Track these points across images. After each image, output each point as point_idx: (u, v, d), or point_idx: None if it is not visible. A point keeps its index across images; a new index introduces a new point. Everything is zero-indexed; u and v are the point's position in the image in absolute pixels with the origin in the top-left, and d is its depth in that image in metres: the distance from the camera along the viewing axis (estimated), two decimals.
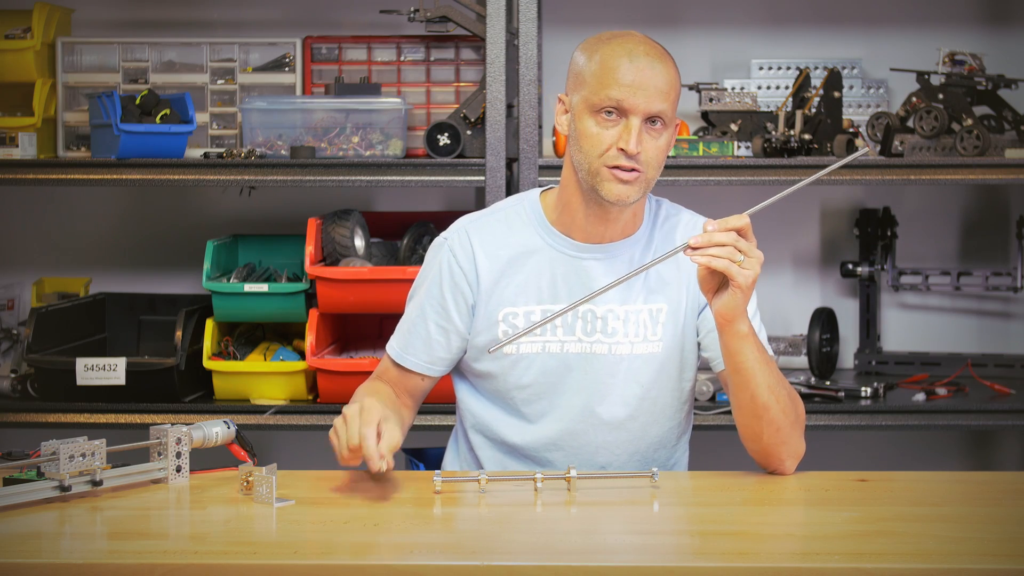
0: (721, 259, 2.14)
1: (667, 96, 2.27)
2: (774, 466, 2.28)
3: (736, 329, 2.20)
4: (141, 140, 3.33)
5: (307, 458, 3.84)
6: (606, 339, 2.37)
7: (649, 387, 2.38)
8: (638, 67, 2.25)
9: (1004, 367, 3.66)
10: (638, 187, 2.28)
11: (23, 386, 3.44)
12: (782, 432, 2.25)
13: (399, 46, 3.64)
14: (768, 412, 2.23)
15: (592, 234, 2.36)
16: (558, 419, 2.38)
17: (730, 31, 3.81)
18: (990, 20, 3.80)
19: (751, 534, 1.99)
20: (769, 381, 2.23)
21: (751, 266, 2.15)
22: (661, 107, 2.26)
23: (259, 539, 1.96)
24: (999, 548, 1.89)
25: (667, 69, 2.28)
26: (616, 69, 2.25)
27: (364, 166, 3.35)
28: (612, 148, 2.26)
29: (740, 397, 2.26)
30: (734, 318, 2.19)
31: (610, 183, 2.27)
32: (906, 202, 3.81)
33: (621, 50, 2.27)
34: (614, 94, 2.25)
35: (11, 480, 2.07)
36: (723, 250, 2.14)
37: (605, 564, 1.82)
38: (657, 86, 2.25)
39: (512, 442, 2.40)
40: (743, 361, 2.22)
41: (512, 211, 2.42)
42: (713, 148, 3.39)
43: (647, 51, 2.27)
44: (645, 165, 2.27)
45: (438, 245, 2.42)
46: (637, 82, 2.25)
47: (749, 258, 2.15)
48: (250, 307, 3.38)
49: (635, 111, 2.25)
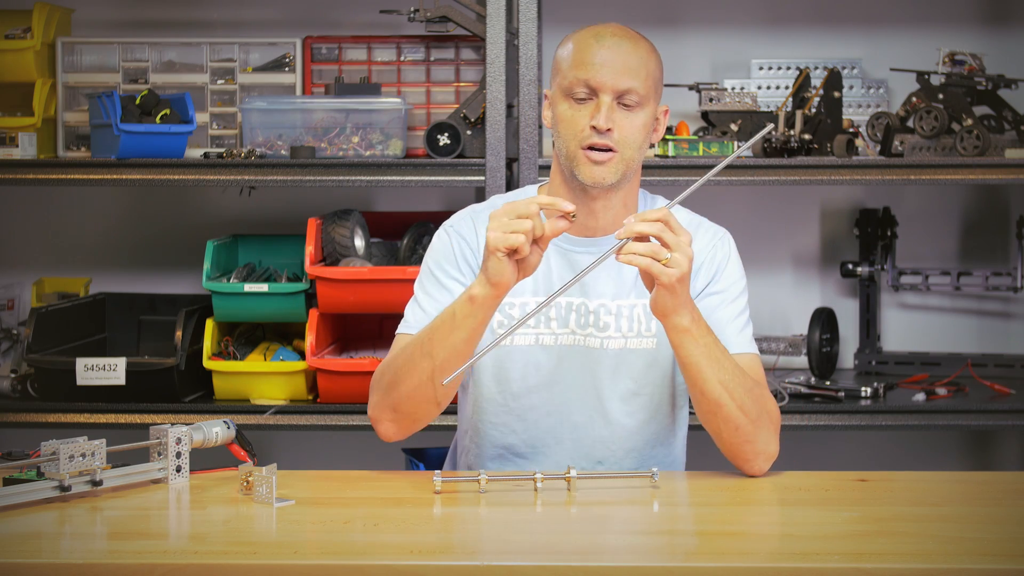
0: (643, 257, 2.10)
1: (636, 73, 2.28)
2: (742, 465, 2.27)
3: (673, 323, 2.18)
4: (141, 140, 3.33)
5: (307, 458, 3.84)
6: (598, 333, 2.37)
7: (643, 382, 2.38)
8: (604, 45, 2.28)
9: (1004, 367, 3.66)
10: (614, 167, 2.28)
11: (23, 386, 3.44)
12: (742, 430, 2.24)
13: (399, 46, 3.64)
14: (722, 409, 2.22)
15: (584, 227, 2.37)
16: (552, 413, 2.38)
17: (730, 31, 3.81)
18: (990, 20, 3.80)
19: (751, 534, 1.99)
20: (720, 376, 2.21)
21: (677, 263, 2.10)
22: (630, 83, 2.27)
23: (259, 539, 1.96)
24: (999, 548, 1.89)
25: (636, 48, 2.30)
26: (585, 51, 2.29)
27: (364, 166, 3.35)
28: (586, 128, 2.27)
29: (692, 393, 2.26)
30: (667, 314, 2.17)
31: (586, 165, 2.28)
32: (906, 202, 3.81)
33: (590, 34, 2.31)
34: (582, 74, 2.27)
35: (11, 480, 2.07)
36: (645, 247, 2.10)
37: (605, 564, 1.82)
38: (625, 63, 2.27)
39: (507, 442, 2.40)
40: (686, 356, 2.21)
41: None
42: (713, 148, 3.39)
43: (615, 31, 2.31)
44: (621, 144, 2.27)
45: (443, 231, 2.43)
46: (604, 60, 2.27)
47: (674, 253, 2.10)
48: (250, 307, 3.38)
49: (603, 88, 2.27)
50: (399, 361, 2.28)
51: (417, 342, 2.26)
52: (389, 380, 2.29)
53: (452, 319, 2.20)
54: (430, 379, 2.23)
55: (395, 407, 2.29)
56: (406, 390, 2.26)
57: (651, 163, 3.33)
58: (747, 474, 2.27)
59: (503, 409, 2.39)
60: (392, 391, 2.28)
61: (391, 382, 2.28)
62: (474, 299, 2.17)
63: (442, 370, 2.21)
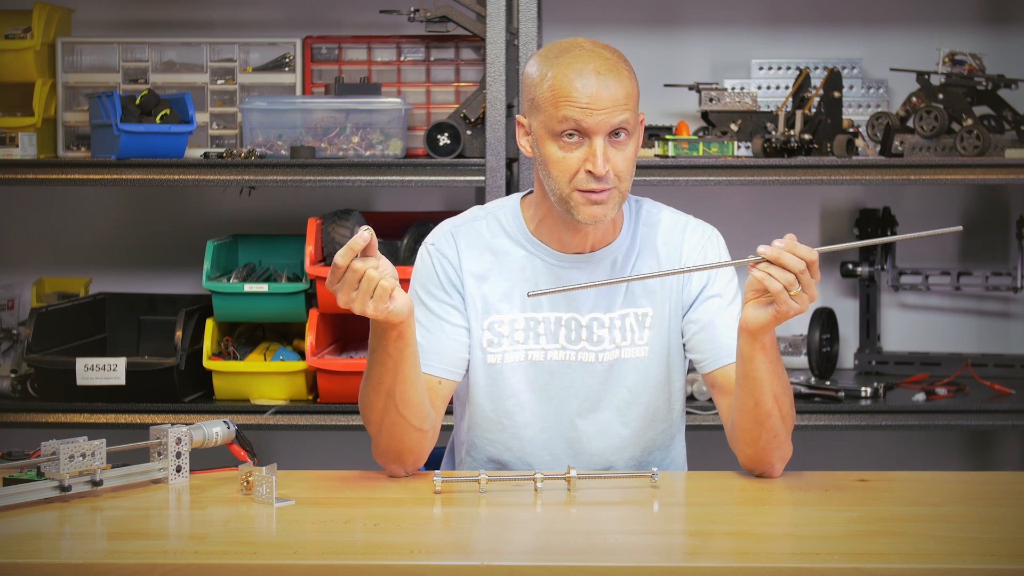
0: (777, 282, 2.10)
1: (625, 106, 2.22)
2: (764, 469, 2.27)
3: (758, 339, 2.18)
4: (141, 140, 3.33)
5: (307, 458, 3.84)
6: (592, 347, 2.35)
7: (638, 392, 2.37)
8: (591, 87, 2.20)
9: (1004, 367, 3.66)
10: (612, 204, 2.25)
11: (23, 386, 3.44)
12: (779, 438, 2.24)
13: (399, 46, 3.64)
14: (770, 419, 2.22)
15: (571, 245, 2.35)
16: (546, 429, 2.37)
17: (730, 31, 3.81)
18: (990, 20, 3.80)
19: (751, 534, 1.99)
20: (776, 391, 2.21)
21: (802, 302, 2.12)
22: (621, 118, 2.22)
23: (259, 539, 1.96)
24: (999, 548, 1.89)
25: (620, 80, 2.23)
26: (569, 92, 2.21)
27: (364, 166, 3.35)
28: (580, 171, 2.22)
29: (744, 402, 2.23)
30: (760, 332, 2.17)
31: (584, 206, 2.24)
32: (906, 202, 3.81)
33: (571, 71, 2.22)
34: (571, 115, 2.21)
35: (11, 480, 2.07)
36: (785, 276, 2.11)
37: (605, 564, 1.82)
38: (614, 99, 2.21)
39: (503, 458, 2.38)
40: (754, 370, 2.19)
41: (493, 218, 2.39)
42: (713, 148, 3.39)
43: (597, 68, 2.22)
44: (615, 180, 2.24)
45: (424, 250, 2.39)
46: (593, 102, 2.20)
47: (803, 295, 2.12)
48: (250, 307, 3.38)
49: (596, 131, 2.21)
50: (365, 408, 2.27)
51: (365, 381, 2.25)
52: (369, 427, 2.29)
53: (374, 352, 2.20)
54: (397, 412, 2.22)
55: (386, 452, 2.27)
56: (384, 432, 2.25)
57: (651, 163, 3.33)
58: (765, 476, 2.27)
59: (497, 427, 2.38)
60: (376, 438, 2.28)
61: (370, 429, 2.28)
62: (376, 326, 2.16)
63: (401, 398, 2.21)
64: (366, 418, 2.27)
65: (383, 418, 2.23)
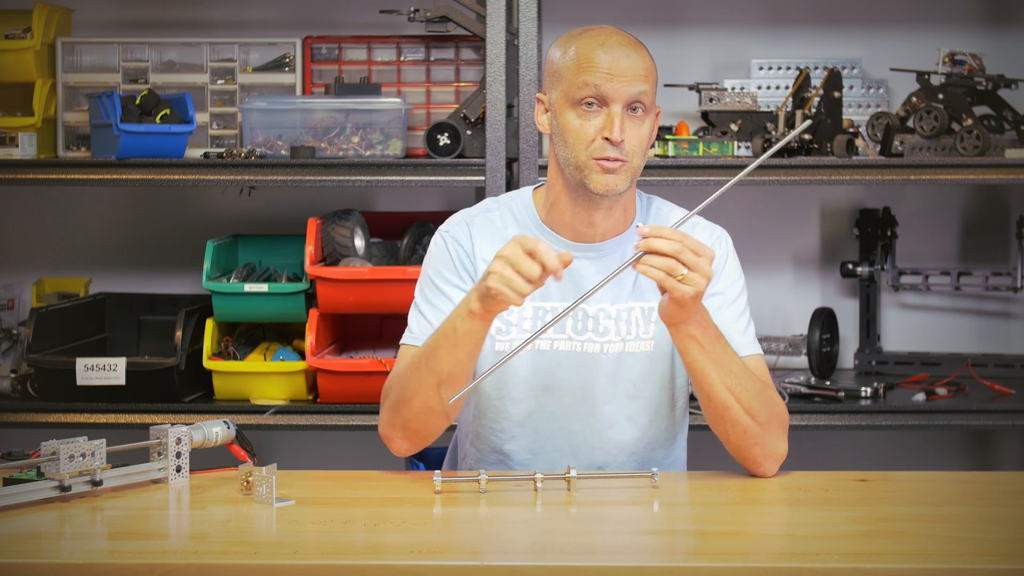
0: (657, 271, 2.11)
1: (645, 79, 2.28)
2: (751, 467, 2.28)
3: (679, 331, 2.20)
4: (141, 140, 3.33)
5: (307, 458, 3.84)
6: (597, 338, 2.36)
7: (641, 385, 2.37)
8: (613, 55, 2.27)
9: (1004, 367, 3.66)
10: (624, 176, 2.28)
11: (23, 386, 3.44)
12: (750, 433, 2.24)
13: (399, 46, 3.64)
14: (729, 412, 2.23)
15: (582, 233, 2.36)
16: (551, 419, 2.37)
17: (730, 31, 3.81)
18: (990, 20, 3.80)
19: (751, 534, 1.99)
20: (727, 381, 2.22)
21: (693, 282, 2.11)
22: (641, 88, 2.27)
23: (259, 539, 1.96)
24: (999, 548, 1.89)
25: (641, 56, 2.30)
26: (592, 59, 2.27)
27: (364, 166, 3.35)
28: (597, 139, 2.26)
29: (699, 396, 2.27)
30: (674, 323, 2.19)
31: (597, 175, 2.27)
32: (906, 202, 3.81)
33: (594, 42, 2.29)
34: (592, 81, 2.26)
35: (11, 480, 2.07)
36: (663, 261, 2.10)
37: (605, 564, 1.82)
38: (634, 70, 2.27)
39: (507, 448, 2.39)
40: (692, 361, 2.22)
41: (506, 208, 2.42)
42: (713, 148, 3.39)
43: (620, 40, 2.30)
44: (630, 154, 2.27)
45: (439, 236, 2.42)
46: (614, 69, 2.26)
47: (693, 272, 2.11)
48: (250, 307, 3.38)
49: (615, 98, 2.26)
50: (405, 378, 2.28)
51: (421, 358, 2.26)
52: (397, 397, 2.29)
53: (454, 334, 2.20)
54: (437, 395, 2.23)
55: (405, 425, 2.29)
56: (415, 407, 2.26)
57: (651, 163, 3.32)
58: (756, 475, 2.27)
59: (503, 415, 2.39)
60: (400, 409, 2.28)
61: (399, 399, 2.28)
62: (474, 314, 2.17)
63: (448, 385, 2.22)
64: (400, 394, 2.27)
65: (423, 400, 2.25)
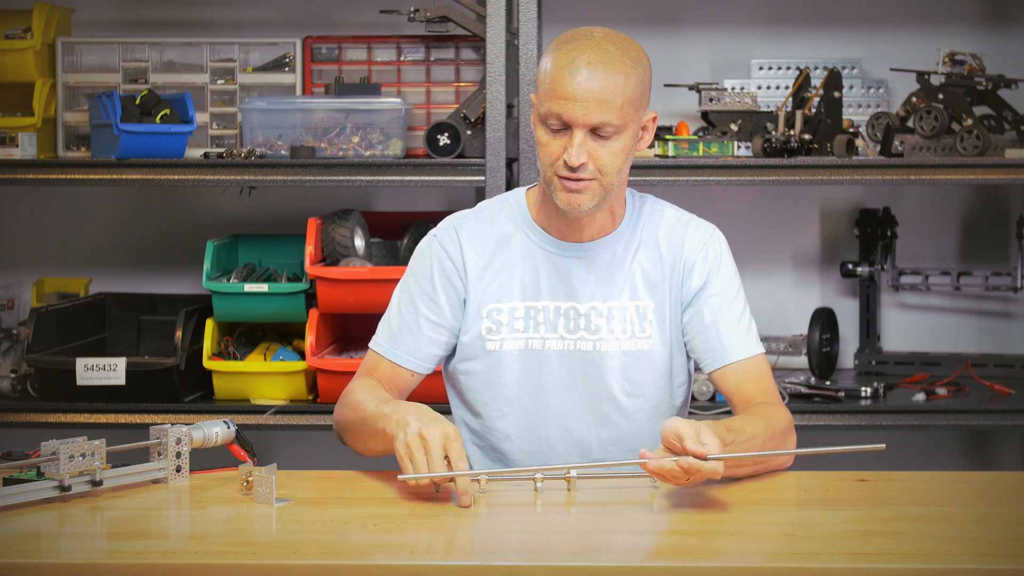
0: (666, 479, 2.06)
1: (609, 105, 2.21)
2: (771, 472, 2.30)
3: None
4: (141, 140, 3.34)
5: (307, 458, 3.84)
6: (590, 336, 2.36)
7: (639, 384, 2.37)
8: (576, 79, 2.20)
9: (1004, 367, 3.66)
10: (590, 195, 2.26)
11: (23, 386, 3.44)
12: (777, 461, 2.27)
13: (399, 46, 3.64)
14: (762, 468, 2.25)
15: (569, 233, 2.37)
16: (547, 419, 2.38)
17: (730, 31, 3.81)
18: (990, 20, 3.80)
19: (751, 534, 1.99)
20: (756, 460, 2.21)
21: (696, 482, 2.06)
22: (601, 118, 2.21)
23: (259, 539, 1.96)
24: (999, 548, 1.89)
25: (610, 77, 2.21)
26: (557, 81, 2.22)
27: (364, 166, 3.35)
28: (560, 159, 2.24)
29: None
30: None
31: (561, 192, 2.26)
32: (906, 202, 3.81)
33: (565, 59, 2.22)
34: (554, 108, 2.22)
35: (11, 480, 2.07)
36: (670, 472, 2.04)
37: (605, 564, 1.82)
38: (597, 96, 2.20)
39: (503, 447, 2.40)
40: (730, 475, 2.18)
41: (498, 208, 2.42)
42: (713, 148, 3.39)
43: (590, 59, 2.21)
44: (600, 173, 2.24)
45: (427, 241, 2.42)
46: (575, 94, 2.20)
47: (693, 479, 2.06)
48: (250, 307, 3.38)
49: (575, 123, 2.22)
50: (350, 412, 2.29)
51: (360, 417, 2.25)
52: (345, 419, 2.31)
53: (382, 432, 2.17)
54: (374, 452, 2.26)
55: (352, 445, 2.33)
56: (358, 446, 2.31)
57: (651, 163, 3.33)
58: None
59: (496, 415, 2.39)
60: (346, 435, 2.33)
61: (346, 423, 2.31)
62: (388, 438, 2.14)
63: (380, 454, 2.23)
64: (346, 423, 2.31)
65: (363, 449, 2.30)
